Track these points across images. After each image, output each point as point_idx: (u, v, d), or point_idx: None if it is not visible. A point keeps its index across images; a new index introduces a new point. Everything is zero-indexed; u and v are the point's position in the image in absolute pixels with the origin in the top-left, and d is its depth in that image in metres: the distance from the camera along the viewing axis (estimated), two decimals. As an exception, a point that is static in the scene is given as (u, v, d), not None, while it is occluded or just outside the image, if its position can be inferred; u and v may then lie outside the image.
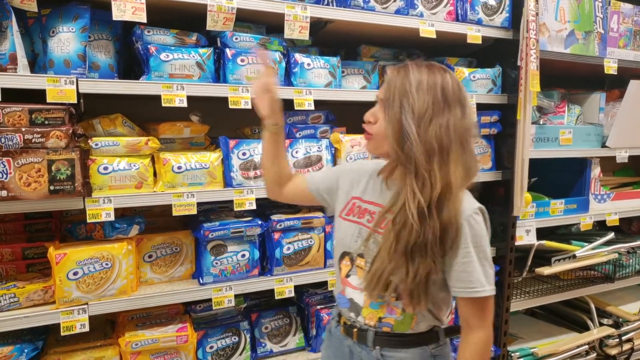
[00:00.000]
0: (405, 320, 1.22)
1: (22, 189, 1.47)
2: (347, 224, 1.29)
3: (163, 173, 1.70)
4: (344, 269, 1.29)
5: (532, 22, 2.14)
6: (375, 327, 1.24)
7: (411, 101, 1.12)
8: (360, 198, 1.31)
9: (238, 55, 1.78)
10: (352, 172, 1.38)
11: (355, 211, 1.29)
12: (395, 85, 1.15)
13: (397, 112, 1.13)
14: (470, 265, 1.15)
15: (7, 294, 1.54)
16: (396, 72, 1.18)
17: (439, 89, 1.14)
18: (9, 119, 1.46)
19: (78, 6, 1.58)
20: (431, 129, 1.11)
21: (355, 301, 1.26)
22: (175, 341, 1.72)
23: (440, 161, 1.12)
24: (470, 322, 1.19)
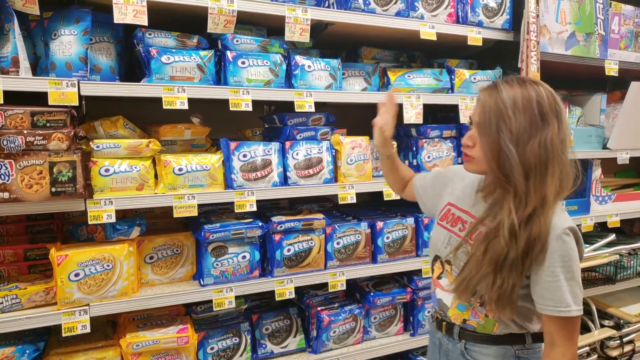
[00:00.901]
0: (488, 325, 1.28)
1: (24, 191, 1.47)
2: (439, 230, 1.38)
3: (164, 175, 1.71)
4: (436, 270, 1.37)
5: (533, 24, 2.14)
6: (460, 325, 1.32)
7: (508, 123, 1.13)
8: (454, 205, 1.37)
9: (239, 57, 1.79)
10: (451, 178, 1.45)
11: (449, 218, 1.36)
12: (490, 108, 1.16)
13: (494, 135, 1.14)
14: (555, 284, 1.15)
15: (9, 295, 1.55)
16: (488, 94, 1.18)
17: (535, 105, 1.14)
18: (11, 122, 1.47)
19: (80, 9, 1.60)
20: (529, 148, 1.12)
21: (444, 302, 1.35)
22: (176, 342, 1.72)
23: (538, 178, 1.13)
24: (554, 339, 1.19)
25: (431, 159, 2.21)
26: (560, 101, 1.19)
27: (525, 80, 1.19)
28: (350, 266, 2.05)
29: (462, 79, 2.24)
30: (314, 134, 2.01)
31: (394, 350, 2.16)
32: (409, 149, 2.25)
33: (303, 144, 1.96)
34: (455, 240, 1.31)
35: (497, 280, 1.14)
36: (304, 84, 1.92)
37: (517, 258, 1.13)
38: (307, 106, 1.87)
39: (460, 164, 2.28)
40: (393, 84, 2.13)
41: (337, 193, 1.97)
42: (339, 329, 2.05)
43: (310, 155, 1.96)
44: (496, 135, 1.14)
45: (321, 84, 1.96)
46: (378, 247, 2.10)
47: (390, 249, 2.12)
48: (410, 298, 2.20)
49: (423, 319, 2.22)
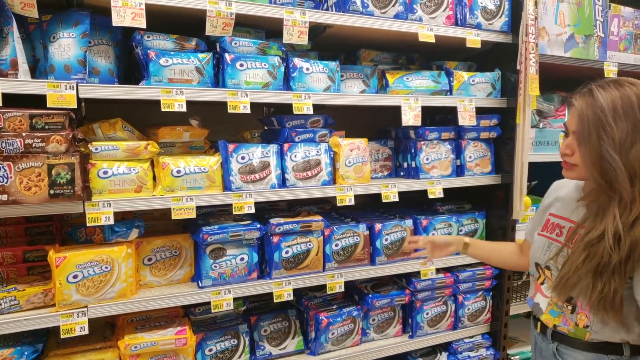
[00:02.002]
0: (578, 332, 1.28)
1: (23, 193, 1.48)
2: (539, 239, 1.40)
3: (162, 177, 1.72)
4: (541, 276, 1.39)
5: (532, 26, 2.14)
6: (552, 329, 1.35)
7: (609, 131, 1.11)
8: (554, 214, 1.39)
9: (237, 60, 1.79)
10: (548, 195, 1.48)
11: (549, 227, 1.38)
12: (588, 117, 1.13)
13: (595, 144, 1.13)
14: None
15: (7, 296, 1.56)
16: (584, 101, 1.16)
17: (636, 109, 1.11)
18: (9, 124, 1.48)
19: (78, 12, 1.60)
20: (633, 153, 1.11)
21: (540, 306, 1.38)
22: (174, 344, 1.73)
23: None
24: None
25: (430, 161, 2.21)
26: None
27: (622, 81, 1.16)
28: (349, 268, 2.05)
29: (460, 81, 2.24)
30: (313, 136, 2.01)
31: (393, 352, 2.16)
32: (407, 151, 2.25)
33: (301, 146, 1.96)
34: (555, 246, 1.32)
35: (597, 284, 1.14)
36: (302, 86, 1.93)
37: (620, 262, 1.12)
38: (306, 108, 1.87)
39: (459, 166, 2.29)
40: (391, 86, 2.14)
41: (336, 195, 1.98)
42: (337, 331, 2.06)
43: (308, 157, 1.96)
44: (597, 145, 1.12)
45: (319, 86, 1.96)
46: (376, 248, 2.10)
47: (388, 250, 2.13)
48: (408, 300, 2.20)
49: (422, 320, 2.22)
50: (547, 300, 1.34)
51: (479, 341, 2.38)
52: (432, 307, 2.25)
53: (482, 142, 2.33)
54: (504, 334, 2.40)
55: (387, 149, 2.32)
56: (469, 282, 2.31)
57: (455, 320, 2.33)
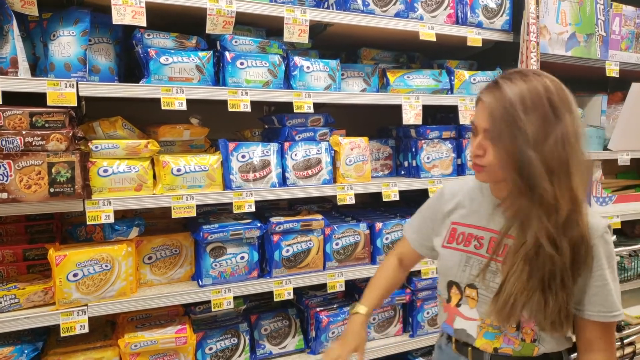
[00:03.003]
0: (525, 349, 1.16)
1: (23, 191, 1.48)
2: (450, 252, 1.24)
3: (162, 175, 1.71)
4: (454, 298, 1.23)
5: (533, 25, 2.13)
6: (492, 353, 1.18)
7: (522, 126, 1.02)
8: (460, 223, 1.24)
9: (237, 58, 1.79)
10: (444, 200, 1.31)
11: (459, 238, 1.23)
12: (498, 113, 1.04)
13: (508, 141, 1.03)
14: (605, 288, 1.09)
15: (7, 295, 1.56)
16: (492, 97, 1.07)
17: (545, 100, 1.03)
18: (9, 122, 1.48)
19: (79, 10, 1.60)
20: (548, 148, 1.02)
21: (468, 332, 1.21)
22: (174, 342, 1.72)
23: (563, 179, 1.02)
24: (595, 345, 1.12)
25: (430, 160, 2.21)
26: (569, 91, 1.08)
27: (528, 72, 1.07)
28: (349, 267, 2.05)
29: (461, 80, 2.23)
30: (313, 134, 2.01)
31: (393, 351, 2.16)
32: (408, 149, 2.25)
33: (302, 145, 1.96)
34: (476, 260, 1.18)
35: (549, 300, 1.04)
36: (302, 85, 1.92)
37: (566, 269, 1.04)
38: (306, 107, 1.87)
39: (460, 165, 2.29)
40: (392, 85, 2.13)
41: (336, 194, 1.97)
42: (337, 330, 2.05)
43: (309, 156, 1.96)
44: (511, 142, 1.03)
45: (320, 85, 1.96)
46: (377, 248, 2.10)
47: (389, 249, 2.12)
48: (409, 299, 2.19)
49: (422, 320, 2.22)
50: (477, 323, 1.18)
51: None
52: (432, 306, 2.24)
53: (483, 141, 2.32)
54: (504, 333, 2.39)
55: (388, 148, 2.32)
56: (469, 282, 2.31)
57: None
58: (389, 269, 1.46)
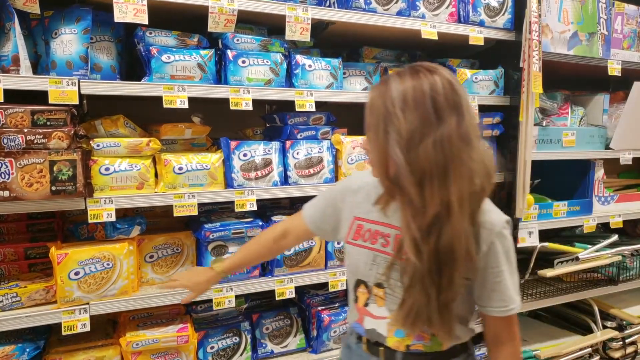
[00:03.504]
0: (435, 343, 1.15)
1: (24, 190, 1.48)
2: (357, 250, 1.18)
3: (164, 174, 1.71)
4: (361, 297, 1.19)
5: (535, 24, 2.13)
6: (404, 351, 1.16)
7: (396, 124, 0.98)
8: (365, 219, 1.19)
9: (239, 56, 1.79)
10: (349, 191, 1.25)
11: (365, 235, 1.17)
12: (378, 109, 1.01)
13: (382, 139, 1.00)
14: (502, 283, 1.09)
15: (9, 293, 1.56)
16: (377, 91, 1.03)
17: (428, 100, 0.98)
18: (11, 120, 1.47)
19: (80, 8, 1.60)
20: (422, 150, 0.97)
21: (378, 331, 1.17)
22: (176, 341, 1.72)
23: (437, 183, 0.98)
24: (501, 338, 1.14)
25: (432, 159, 2.20)
26: (463, 90, 1.03)
27: (420, 69, 1.02)
28: (351, 266, 2.05)
29: (463, 79, 2.23)
30: (315, 133, 2.01)
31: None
32: (410, 148, 2.24)
33: (304, 144, 1.96)
34: (382, 258, 1.13)
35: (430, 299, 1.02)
36: (304, 83, 1.92)
37: (432, 273, 1.00)
38: (308, 105, 1.86)
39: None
40: (394, 84, 2.12)
41: (338, 192, 1.97)
42: (339, 329, 2.05)
43: (310, 154, 1.96)
44: (384, 138, 0.99)
45: (322, 84, 1.95)
46: (379, 247, 2.09)
47: (390, 248, 2.12)
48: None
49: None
50: (386, 321, 1.15)
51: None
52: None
53: (484, 140, 2.32)
54: (506, 332, 2.39)
55: (390, 147, 2.31)
56: (471, 281, 2.30)
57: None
58: (268, 239, 1.44)
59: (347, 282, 1.26)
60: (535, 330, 2.72)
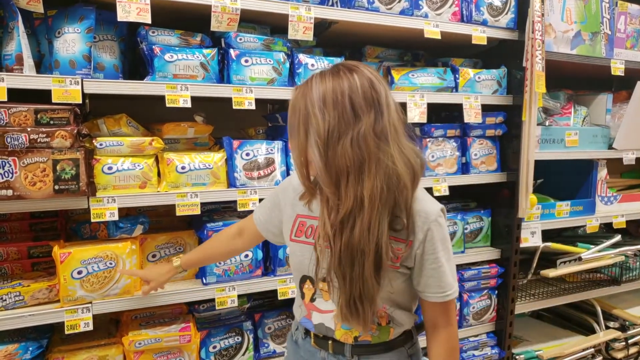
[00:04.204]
0: (382, 334, 1.18)
1: (28, 188, 1.48)
2: (299, 246, 1.20)
3: (167, 173, 1.71)
4: (307, 293, 1.21)
5: (538, 23, 2.12)
6: (352, 343, 1.19)
7: (314, 125, 1.00)
8: (308, 216, 1.20)
9: (242, 55, 1.78)
10: (290, 189, 1.27)
11: (307, 232, 1.19)
12: (299, 109, 1.03)
13: (302, 140, 1.02)
14: (439, 270, 1.13)
15: (12, 292, 1.56)
16: (299, 92, 1.05)
17: (346, 99, 1.00)
18: (14, 119, 1.47)
19: (84, 7, 1.60)
20: (339, 150, 0.99)
21: (326, 325, 1.20)
22: (178, 341, 1.72)
23: (352, 181, 1.00)
24: (438, 322, 1.19)
25: (435, 159, 2.20)
26: (383, 87, 1.04)
27: (341, 68, 1.04)
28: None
29: (466, 78, 2.23)
30: (317, 132, 2.00)
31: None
32: (412, 148, 2.24)
33: (306, 143, 1.95)
34: (326, 253, 1.12)
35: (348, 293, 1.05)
36: (307, 83, 1.92)
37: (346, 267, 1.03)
38: (311, 105, 1.86)
39: (465, 163, 2.28)
40: (397, 83, 2.12)
41: (340, 192, 1.96)
42: (341, 329, 2.05)
43: (313, 154, 1.95)
44: (303, 139, 1.02)
45: (324, 83, 1.95)
46: (381, 246, 2.09)
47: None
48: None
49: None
50: (333, 314, 1.16)
51: (483, 340, 2.37)
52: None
53: (487, 140, 2.32)
54: (508, 332, 2.39)
55: (392, 147, 2.31)
56: (473, 281, 2.30)
57: (460, 318, 2.32)
58: (224, 238, 1.51)
59: (293, 280, 1.27)
60: (537, 331, 2.72)
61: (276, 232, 1.35)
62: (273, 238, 1.39)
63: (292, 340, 1.33)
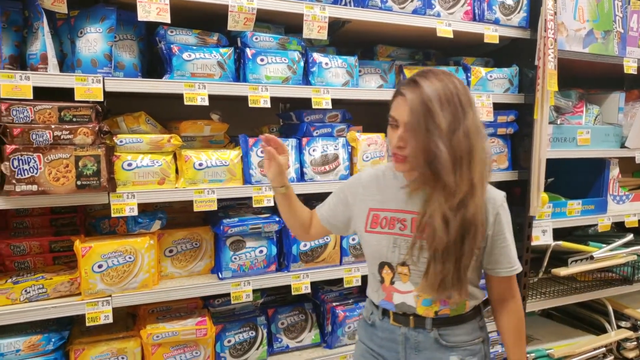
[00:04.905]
0: (460, 306, 1.32)
1: (51, 184, 1.52)
2: (375, 237, 1.33)
3: (185, 170, 1.75)
4: (386, 277, 1.33)
5: (550, 22, 2.13)
6: (433, 317, 1.31)
7: (436, 120, 1.14)
8: (380, 209, 1.34)
9: (258, 54, 1.82)
10: (359, 187, 1.40)
11: (382, 223, 1.33)
12: (418, 107, 1.16)
13: (425, 134, 1.15)
14: (507, 248, 1.31)
15: (36, 285, 1.60)
16: (412, 93, 1.17)
17: (455, 98, 1.16)
18: (39, 116, 1.52)
19: (105, 7, 1.64)
20: (455, 140, 1.15)
21: (408, 304, 1.32)
22: (194, 334, 1.76)
23: (465, 167, 1.16)
24: (505, 296, 1.37)
25: (447, 157, 2.21)
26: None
27: (438, 72, 1.21)
28: (366, 263, 2.06)
29: (478, 77, 2.24)
30: (331, 130, 2.03)
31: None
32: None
33: (319, 141, 1.98)
34: (403, 240, 1.28)
35: (458, 270, 1.20)
36: (321, 81, 1.95)
37: (456, 243, 1.18)
38: (324, 103, 1.89)
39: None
40: (409, 82, 2.14)
41: (353, 189, 1.99)
42: (354, 325, 2.07)
43: (326, 151, 1.98)
44: (426, 134, 1.14)
45: (338, 81, 1.98)
46: (393, 243, 2.11)
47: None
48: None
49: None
50: (413, 294, 1.30)
51: (494, 338, 2.37)
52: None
53: (499, 138, 2.33)
54: (520, 330, 2.39)
55: (404, 145, 2.33)
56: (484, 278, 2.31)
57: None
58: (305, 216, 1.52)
59: (369, 267, 1.40)
60: (547, 330, 2.72)
61: (340, 226, 1.47)
62: (337, 231, 1.52)
63: (368, 324, 1.42)
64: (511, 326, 1.37)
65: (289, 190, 1.45)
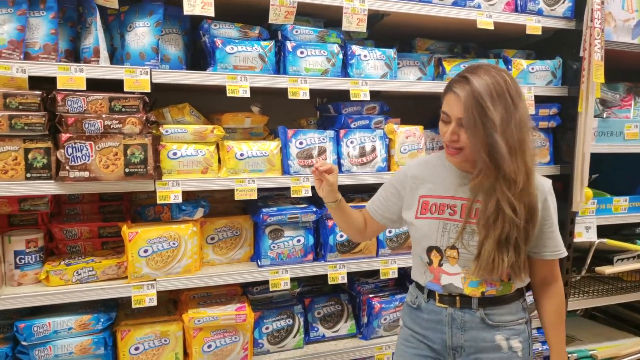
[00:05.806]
0: (505, 288, 1.37)
1: (102, 171, 1.60)
2: (426, 222, 1.39)
3: (227, 159, 1.80)
4: (435, 260, 1.39)
5: (597, 11, 2.07)
6: (479, 297, 1.37)
7: (490, 115, 1.20)
8: (430, 196, 1.41)
9: (298, 47, 1.85)
10: (408, 178, 1.46)
11: (432, 209, 1.40)
12: (471, 104, 1.22)
13: (480, 129, 1.21)
14: (554, 232, 1.38)
15: (86, 267, 1.69)
16: (464, 89, 1.24)
17: (506, 92, 1.23)
18: (91, 107, 1.60)
19: (152, 3, 1.71)
20: (509, 132, 1.22)
21: (455, 285, 1.37)
22: (234, 319, 1.80)
23: (520, 155, 1.24)
24: (548, 279, 1.42)
25: (486, 150, 2.18)
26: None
27: (488, 67, 1.26)
28: (402, 255, 2.06)
29: (519, 69, 2.19)
30: (368, 122, 2.04)
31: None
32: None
33: (357, 133, 2.00)
34: (452, 225, 1.35)
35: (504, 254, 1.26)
36: (359, 73, 1.96)
37: (526, 227, 1.27)
38: (362, 94, 1.90)
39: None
40: (448, 74, 2.12)
41: (391, 181, 1.99)
42: (389, 317, 2.07)
43: (364, 143, 1.99)
44: (482, 128, 1.21)
45: (377, 73, 1.98)
46: (430, 236, 2.10)
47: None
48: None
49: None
50: (460, 275, 1.36)
51: (535, 335, 2.32)
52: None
53: (540, 132, 2.28)
54: (560, 329, 2.33)
55: (442, 138, 2.31)
56: (524, 275, 2.26)
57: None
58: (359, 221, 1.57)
59: (416, 251, 1.45)
60: (590, 331, 2.63)
61: (394, 218, 1.52)
62: (392, 225, 1.57)
63: (413, 308, 1.47)
64: (553, 308, 1.42)
65: (341, 203, 1.52)
